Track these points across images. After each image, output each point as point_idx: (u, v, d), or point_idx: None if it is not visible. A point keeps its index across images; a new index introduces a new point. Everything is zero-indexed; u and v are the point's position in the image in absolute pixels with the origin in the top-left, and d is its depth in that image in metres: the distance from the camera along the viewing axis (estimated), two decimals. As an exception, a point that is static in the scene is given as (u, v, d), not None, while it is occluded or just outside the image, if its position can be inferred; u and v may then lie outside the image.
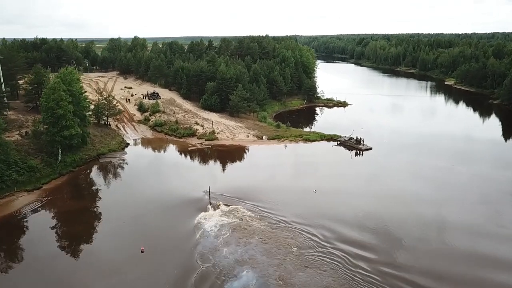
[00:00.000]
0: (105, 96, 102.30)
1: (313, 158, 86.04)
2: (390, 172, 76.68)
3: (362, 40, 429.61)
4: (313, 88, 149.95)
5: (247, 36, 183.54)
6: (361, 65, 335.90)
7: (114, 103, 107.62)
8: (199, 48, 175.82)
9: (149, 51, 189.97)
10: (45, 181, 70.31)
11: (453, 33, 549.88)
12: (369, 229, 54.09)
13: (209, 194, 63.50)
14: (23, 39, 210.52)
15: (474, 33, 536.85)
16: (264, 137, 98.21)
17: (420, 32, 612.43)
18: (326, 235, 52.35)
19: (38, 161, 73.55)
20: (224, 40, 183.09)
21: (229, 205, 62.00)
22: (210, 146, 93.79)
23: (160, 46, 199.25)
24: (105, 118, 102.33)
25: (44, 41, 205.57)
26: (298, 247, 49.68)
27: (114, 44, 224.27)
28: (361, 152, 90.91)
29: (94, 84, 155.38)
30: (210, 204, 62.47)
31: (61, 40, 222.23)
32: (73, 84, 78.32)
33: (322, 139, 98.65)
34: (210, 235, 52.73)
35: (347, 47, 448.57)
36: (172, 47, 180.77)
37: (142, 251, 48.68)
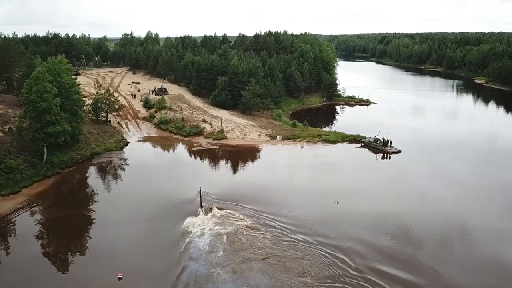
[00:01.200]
0: (104, 90, 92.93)
1: (333, 162, 75.26)
2: (426, 182, 64.44)
3: (384, 38, 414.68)
4: (333, 84, 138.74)
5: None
6: (383, 64, 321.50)
7: (115, 97, 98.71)
8: (212, 42, 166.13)
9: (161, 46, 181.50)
10: (26, 184, 61.24)
11: (480, 31, 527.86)
12: (409, 256, 43.06)
13: (200, 195, 54.95)
14: (34, 34, 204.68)
15: (501, 32, 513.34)
16: (278, 137, 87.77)
17: (444, 31, 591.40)
18: (353, 259, 41.69)
19: (20, 161, 64.79)
20: (240, 35, 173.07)
21: (223, 209, 53.56)
22: (217, 147, 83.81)
23: (173, 41, 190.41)
24: (104, 114, 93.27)
25: (56, 36, 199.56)
26: (314, 277, 39.12)
27: (127, 39, 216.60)
28: (388, 155, 79.69)
29: (100, 79, 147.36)
30: (201, 207, 53.89)
31: (74, 35, 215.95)
32: (62, 74, 69.30)
33: (343, 140, 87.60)
34: (200, 253, 43.27)
35: (368, 46, 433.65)
36: (184, 41, 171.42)
37: (120, 278, 38.93)
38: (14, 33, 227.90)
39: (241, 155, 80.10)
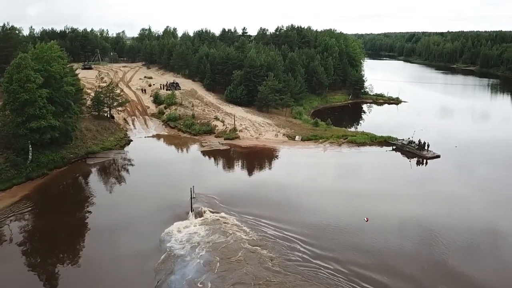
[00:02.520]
0: (106, 84, 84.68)
1: (361, 168, 64.39)
2: (476, 196, 53.04)
3: (413, 36, 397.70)
4: (360, 81, 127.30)
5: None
6: (411, 62, 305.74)
7: (119, 91, 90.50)
8: (231, 36, 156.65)
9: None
10: (3, 187, 53.05)
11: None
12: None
13: (191, 197, 47.17)
14: (52, 28, 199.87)
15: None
16: (297, 137, 77.55)
17: (475, 30, 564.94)
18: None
19: (1, 160, 56.91)
20: (261, 29, 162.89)
21: (218, 212, 46.31)
22: (228, 147, 74.24)
23: (190, 36, 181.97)
24: (106, 110, 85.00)
25: (72, 30, 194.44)
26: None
27: (144, 34, 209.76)
28: (425, 160, 68.49)
29: (112, 74, 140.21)
30: (192, 210, 46.70)
31: (92, 30, 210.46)
32: (52, 63, 60.94)
33: (372, 142, 76.66)
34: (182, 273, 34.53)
35: (396, 44, 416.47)
36: (201, 35, 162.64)
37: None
38: (31, 26, 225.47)
39: (253, 158, 70.18)
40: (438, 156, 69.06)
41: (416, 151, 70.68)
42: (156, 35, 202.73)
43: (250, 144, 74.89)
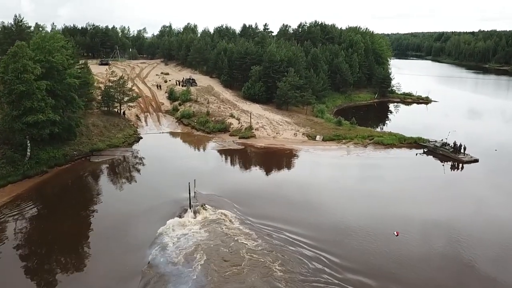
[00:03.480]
0: (116, 78, 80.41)
1: (388, 172, 57.66)
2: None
3: (441, 36, 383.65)
4: (387, 79, 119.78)
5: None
6: (440, 62, 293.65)
7: (130, 86, 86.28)
8: (251, 32, 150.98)
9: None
10: (-4, 186, 49.24)
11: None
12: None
13: (189, 192, 43.55)
14: (73, 25, 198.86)
15: None
16: (318, 137, 71.30)
17: (508, 30, 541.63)
18: None
19: (-2, 156, 52.99)
20: (283, 25, 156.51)
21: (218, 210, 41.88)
22: (242, 146, 68.70)
23: (210, 32, 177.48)
24: (116, 105, 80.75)
25: (94, 27, 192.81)
26: None
27: (165, 31, 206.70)
28: (461, 165, 61.30)
29: (129, 70, 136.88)
30: (190, 207, 42.95)
31: (113, 27, 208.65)
32: (55, 53, 56.62)
33: (401, 144, 69.78)
34: None
35: (423, 44, 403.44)
36: (221, 31, 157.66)
37: None
38: (53, 23, 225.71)
39: (267, 159, 64.28)
40: (476, 160, 61.75)
41: (450, 154, 63.53)
42: (176, 31, 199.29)
43: (266, 144, 69.06)
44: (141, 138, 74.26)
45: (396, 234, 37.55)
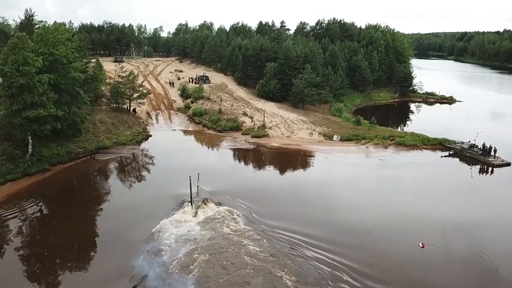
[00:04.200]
0: (125, 74, 77.79)
1: (411, 175, 53.15)
2: None
3: (464, 35, 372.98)
4: (408, 77, 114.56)
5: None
6: (462, 62, 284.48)
7: (140, 82, 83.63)
8: (268, 29, 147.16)
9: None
10: (-7, 183, 46.80)
11: None
12: None
13: (190, 187, 40.88)
14: (90, 23, 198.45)
15: None
16: (335, 137, 67.23)
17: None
18: None
19: (-2, 152, 50.65)
20: (301, 23, 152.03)
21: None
22: (253, 146, 65.11)
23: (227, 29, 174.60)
24: (125, 101, 78.10)
25: (111, 25, 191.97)
26: None
27: (181, 29, 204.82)
28: (490, 168, 56.50)
29: (143, 67, 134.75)
30: (192, 203, 40.72)
31: (130, 25, 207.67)
32: (59, 46, 54.01)
33: (424, 145, 65.18)
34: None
35: (445, 44, 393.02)
36: (236, 28, 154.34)
37: None
38: (70, 21, 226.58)
39: (278, 160, 60.37)
40: (508, 164, 56.96)
41: (479, 157, 58.77)
42: (192, 29, 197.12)
43: (280, 144, 65.29)
44: (150, 136, 71.44)
45: (421, 246, 33.40)
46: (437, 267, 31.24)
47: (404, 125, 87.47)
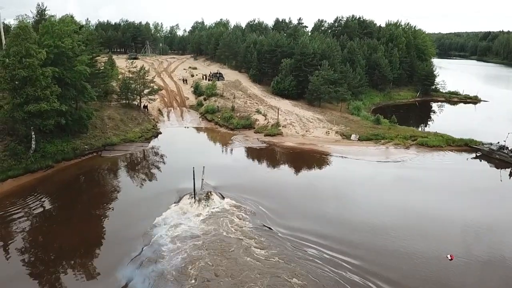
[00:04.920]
0: (136, 69, 75.62)
1: (436, 180, 49.32)
2: None
3: (488, 35, 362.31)
4: (430, 76, 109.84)
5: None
6: (486, 62, 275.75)
7: (150, 78, 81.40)
8: (285, 26, 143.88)
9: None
10: (-6, 180, 44.84)
11: None
12: None
13: (194, 179, 39.47)
14: (107, 20, 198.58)
15: None
16: (353, 136, 63.63)
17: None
18: None
19: (1, 147, 48.81)
20: (319, 20, 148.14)
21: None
22: (266, 145, 61.99)
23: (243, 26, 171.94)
24: (135, 97, 75.93)
25: (128, 23, 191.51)
26: None
27: (197, 26, 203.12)
28: (523, 172, 52.31)
29: (157, 64, 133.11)
30: (194, 196, 39.56)
31: (147, 23, 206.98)
32: (65, 38, 51.90)
33: (449, 146, 61.07)
34: None
35: (467, 43, 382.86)
36: (252, 25, 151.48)
37: None
38: (87, 19, 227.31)
39: (292, 161, 56.96)
40: (541, 168, 52.56)
41: (510, 160, 54.44)
42: (208, 27, 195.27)
43: (294, 143, 61.97)
44: (160, 133, 69.09)
45: (450, 258, 29.83)
46: (469, 279, 27.70)
47: (426, 125, 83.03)
